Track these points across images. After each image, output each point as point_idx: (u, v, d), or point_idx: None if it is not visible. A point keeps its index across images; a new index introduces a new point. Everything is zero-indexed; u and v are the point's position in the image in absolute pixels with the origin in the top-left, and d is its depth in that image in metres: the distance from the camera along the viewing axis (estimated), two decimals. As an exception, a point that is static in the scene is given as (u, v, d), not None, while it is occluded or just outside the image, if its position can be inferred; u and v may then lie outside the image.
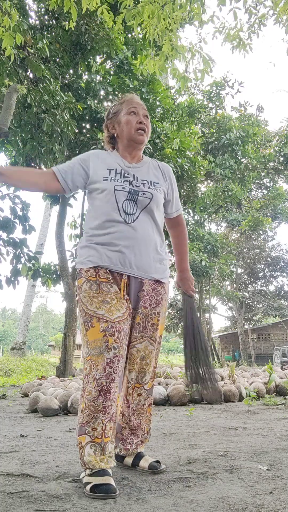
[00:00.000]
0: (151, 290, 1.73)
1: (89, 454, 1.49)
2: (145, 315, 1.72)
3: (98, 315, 1.57)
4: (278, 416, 3.28)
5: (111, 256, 1.64)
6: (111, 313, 1.57)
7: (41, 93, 5.50)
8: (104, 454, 1.50)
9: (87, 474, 1.48)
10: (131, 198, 1.70)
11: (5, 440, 2.52)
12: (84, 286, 1.64)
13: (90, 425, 1.51)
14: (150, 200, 1.72)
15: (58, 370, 7.99)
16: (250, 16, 4.07)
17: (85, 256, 1.68)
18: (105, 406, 1.51)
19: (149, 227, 1.72)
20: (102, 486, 1.41)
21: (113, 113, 1.86)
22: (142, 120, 1.79)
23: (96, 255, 1.66)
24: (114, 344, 1.53)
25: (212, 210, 16.12)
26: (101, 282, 1.63)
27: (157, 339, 1.76)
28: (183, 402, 4.04)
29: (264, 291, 23.78)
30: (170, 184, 1.88)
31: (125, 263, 1.66)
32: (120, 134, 1.82)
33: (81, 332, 1.67)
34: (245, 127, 12.13)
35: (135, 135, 1.78)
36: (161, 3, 3.66)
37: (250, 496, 1.36)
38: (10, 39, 3.72)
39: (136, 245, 1.67)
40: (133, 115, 1.79)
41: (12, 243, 5.87)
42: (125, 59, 7.59)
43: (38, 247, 16.86)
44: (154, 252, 1.73)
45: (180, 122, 8.87)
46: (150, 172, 1.83)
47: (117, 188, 1.69)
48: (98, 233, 1.68)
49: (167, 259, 1.83)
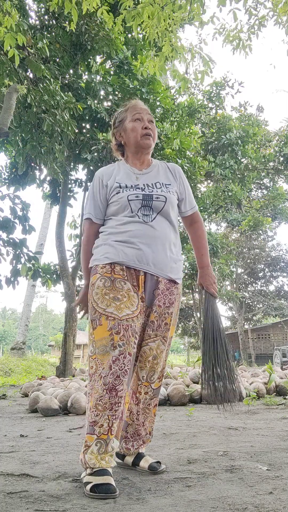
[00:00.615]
0: (165, 289, 1.74)
1: (91, 452, 1.49)
2: (159, 313, 1.73)
3: (107, 313, 1.58)
4: (278, 416, 3.28)
5: (128, 253, 1.66)
6: (120, 310, 1.58)
7: (41, 93, 5.50)
8: (107, 451, 1.50)
9: (87, 474, 1.48)
10: (146, 204, 1.72)
11: (5, 440, 2.52)
12: (97, 282, 1.64)
13: (97, 424, 1.52)
14: (164, 203, 1.75)
15: (58, 370, 7.99)
16: (250, 17, 4.07)
17: (102, 253, 1.70)
18: (112, 403, 1.52)
19: (166, 227, 1.75)
20: (102, 486, 1.41)
21: (118, 121, 1.90)
22: (147, 125, 1.83)
23: (113, 251, 1.67)
24: (120, 342, 1.54)
25: (212, 210, 16.10)
26: (115, 279, 1.64)
27: (168, 339, 1.77)
28: (183, 402, 4.04)
29: (264, 291, 23.78)
30: (181, 183, 1.91)
31: (142, 260, 1.66)
32: (127, 141, 1.86)
33: (88, 330, 1.68)
34: (245, 127, 12.12)
35: (142, 140, 1.82)
36: (161, 4, 3.67)
37: (250, 496, 1.37)
38: (12, 40, 3.73)
39: (153, 243, 1.69)
40: (138, 122, 1.83)
41: (12, 243, 5.87)
42: (125, 59, 7.59)
43: (38, 247, 16.86)
44: (170, 251, 1.75)
45: (180, 122, 8.87)
46: (161, 175, 1.86)
47: (131, 198, 1.72)
48: (115, 231, 1.71)
49: (181, 261, 1.85)
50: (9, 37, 3.71)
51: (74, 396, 3.67)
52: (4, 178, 8.28)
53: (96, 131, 7.22)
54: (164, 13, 3.72)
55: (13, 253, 5.91)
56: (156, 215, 1.73)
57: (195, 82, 11.72)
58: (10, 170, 8.26)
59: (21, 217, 5.88)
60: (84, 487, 1.45)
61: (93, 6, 3.76)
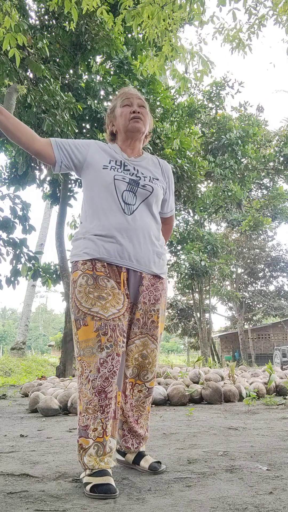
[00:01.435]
0: (150, 285, 1.69)
1: (90, 455, 1.48)
2: (145, 311, 1.68)
3: (93, 312, 1.52)
4: (278, 416, 3.28)
5: (109, 248, 1.59)
6: (106, 310, 1.53)
7: (41, 93, 5.50)
8: (105, 453, 1.49)
9: (87, 474, 1.47)
10: (130, 189, 1.66)
11: (5, 440, 2.52)
12: (80, 280, 1.57)
13: (91, 428, 1.49)
14: (150, 193, 1.69)
15: (58, 370, 7.99)
16: (250, 16, 4.07)
17: (81, 248, 1.62)
18: (102, 406, 1.49)
19: (148, 219, 1.69)
20: (102, 486, 1.40)
21: (110, 110, 1.85)
22: (136, 109, 1.75)
23: (93, 247, 1.59)
24: (107, 344, 1.50)
25: (212, 210, 16.12)
26: (98, 276, 1.57)
27: (158, 337, 1.72)
28: (183, 402, 4.04)
29: (264, 291, 23.78)
30: (168, 183, 1.86)
31: (124, 256, 1.60)
32: (118, 128, 1.79)
33: (72, 330, 1.63)
34: (245, 127, 12.13)
35: (131, 124, 1.74)
36: (161, 4, 3.67)
37: (250, 496, 1.36)
38: (12, 40, 3.73)
39: (135, 237, 1.62)
40: (127, 107, 1.76)
41: (12, 243, 5.87)
42: (125, 59, 7.59)
43: (38, 247, 16.86)
44: (153, 245, 1.68)
45: (180, 122, 8.88)
46: (151, 167, 1.80)
47: (117, 177, 1.65)
48: (95, 224, 1.63)
49: (165, 254, 1.78)
50: (9, 37, 3.71)
51: (74, 396, 3.67)
52: (4, 178, 8.28)
53: (96, 131, 7.22)
54: (164, 13, 3.72)
55: (13, 253, 5.91)
56: (139, 204, 1.66)
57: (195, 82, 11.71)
58: (10, 170, 8.27)
59: (21, 217, 5.88)
60: (84, 487, 1.45)
61: (92, 6, 3.76)
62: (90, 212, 1.67)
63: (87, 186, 1.73)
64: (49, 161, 1.69)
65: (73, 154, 1.71)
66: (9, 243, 5.86)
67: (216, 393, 4.10)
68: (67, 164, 1.71)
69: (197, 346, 24.52)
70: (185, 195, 8.81)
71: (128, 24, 3.78)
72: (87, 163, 1.72)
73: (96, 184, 1.67)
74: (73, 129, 5.83)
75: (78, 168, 1.74)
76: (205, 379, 4.61)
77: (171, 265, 18.30)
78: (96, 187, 1.67)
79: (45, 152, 1.67)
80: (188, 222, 17.34)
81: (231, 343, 24.50)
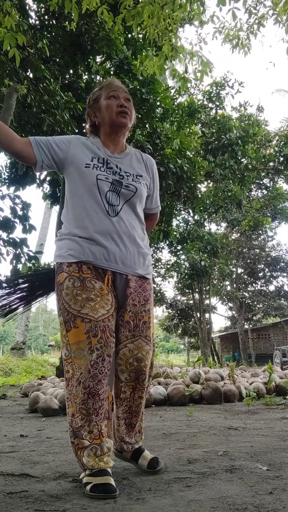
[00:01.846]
0: (137, 286, 1.66)
1: (88, 455, 1.47)
2: (135, 313, 1.65)
3: (82, 314, 1.51)
4: (278, 416, 3.28)
5: (95, 251, 1.57)
6: (96, 311, 1.52)
7: (41, 93, 5.50)
8: (104, 453, 1.49)
9: (86, 474, 1.47)
10: (114, 189, 1.63)
11: (5, 440, 2.52)
12: (66, 282, 1.55)
13: (85, 429, 1.48)
14: (133, 193, 1.66)
15: (58, 370, 7.98)
16: (250, 16, 4.07)
17: (66, 250, 1.59)
18: (96, 408, 1.48)
19: (132, 220, 1.66)
20: (102, 486, 1.40)
21: (93, 100, 1.77)
22: (123, 103, 1.70)
23: (78, 249, 1.57)
24: (97, 345, 1.49)
25: (212, 210, 16.12)
26: (84, 278, 1.55)
27: (151, 338, 1.70)
28: (183, 402, 4.03)
29: (264, 291, 23.76)
30: (152, 178, 1.83)
31: (110, 258, 1.58)
32: (102, 120, 1.72)
33: (60, 332, 1.61)
34: (245, 127, 12.12)
35: (118, 118, 1.69)
36: (161, 3, 3.66)
37: (250, 496, 1.36)
38: (12, 40, 3.72)
39: (119, 239, 1.60)
40: (113, 99, 1.70)
41: (12, 243, 5.87)
42: (125, 59, 7.58)
43: (38, 247, 16.87)
44: (138, 246, 1.66)
45: (180, 122, 8.87)
46: (134, 164, 1.75)
47: (100, 177, 1.61)
48: (79, 226, 1.60)
49: (150, 254, 1.76)
50: (9, 37, 3.71)
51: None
52: (4, 178, 8.28)
53: (96, 131, 7.21)
54: (164, 12, 3.72)
55: (13, 253, 5.91)
56: (122, 205, 1.64)
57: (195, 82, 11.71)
58: (10, 170, 8.26)
59: (21, 217, 5.88)
60: (84, 487, 1.44)
61: (93, 5, 3.76)
62: (74, 213, 1.64)
63: (69, 185, 1.69)
64: (29, 161, 1.64)
65: (54, 152, 1.66)
66: (9, 243, 5.85)
67: (216, 393, 4.10)
68: (48, 163, 1.66)
69: (197, 346, 24.52)
70: (185, 195, 8.80)
71: (128, 23, 3.78)
72: (68, 161, 1.67)
73: (79, 183, 1.64)
74: (73, 129, 5.83)
75: (60, 166, 1.69)
76: (205, 379, 4.61)
77: (171, 265, 18.30)
78: (79, 187, 1.64)
79: (25, 152, 1.61)
80: (188, 222, 17.33)
81: (231, 343, 24.49)
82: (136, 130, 7.47)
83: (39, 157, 1.63)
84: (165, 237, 9.14)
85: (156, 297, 19.71)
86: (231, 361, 15.21)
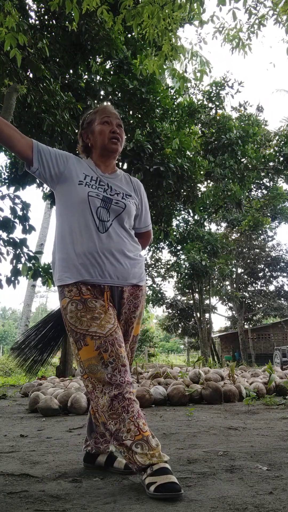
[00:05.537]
0: (130, 295, 1.76)
1: (137, 454, 1.45)
2: (125, 319, 1.76)
3: (91, 332, 1.57)
4: (278, 416, 3.28)
5: (90, 270, 1.64)
6: (103, 327, 1.58)
7: (41, 93, 5.49)
8: (152, 448, 1.46)
9: (148, 474, 1.43)
10: (104, 205, 1.71)
11: (5, 440, 2.52)
12: (69, 307, 1.63)
13: (123, 431, 1.48)
14: (123, 209, 1.74)
15: (58, 370, 7.99)
16: (250, 16, 4.07)
17: (62, 273, 1.67)
18: (124, 406, 1.50)
19: (122, 235, 1.74)
20: (168, 484, 1.38)
21: (87, 123, 1.88)
22: (115, 129, 1.81)
23: (73, 270, 1.65)
24: (110, 359, 1.55)
25: (212, 210, 16.11)
26: (85, 299, 1.63)
27: (135, 338, 1.81)
28: (183, 402, 4.04)
29: (264, 291, 23.76)
30: (141, 199, 1.92)
31: (105, 275, 1.66)
32: (94, 143, 1.83)
33: (72, 352, 1.67)
34: (245, 127, 12.11)
35: (109, 144, 1.80)
36: (161, 3, 3.66)
37: (250, 496, 1.36)
38: (12, 40, 3.72)
39: (111, 255, 1.67)
40: (106, 125, 1.80)
41: (12, 243, 5.87)
42: (125, 59, 7.58)
43: (38, 247, 16.85)
44: (129, 258, 1.73)
45: (180, 122, 8.87)
46: (123, 185, 1.86)
47: (91, 194, 1.70)
48: (71, 246, 1.67)
49: (142, 259, 1.82)
50: (9, 37, 3.71)
51: (74, 396, 3.67)
52: (4, 178, 8.28)
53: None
54: (164, 12, 3.72)
55: (13, 253, 5.91)
56: (112, 220, 1.71)
57: (195, 82, 11.71)
58: (10, 170, 8.26)
59: (21, 217, 5.88)
60: (147, 488, 1.41)
61: (93, 5, 3.76)
62: (66, 233, 1.70)
63: (60, 201, 1.76)
64: (28, 160, 1.70)
65: (53, 164, 1.74)
66: (9, 243, 5.85)
67: (216, 393, 4.10)
68: (42, 172, 1.72)
69: (197, 346, 24.52)
70: (185, 195, 8.80)
71: (128, 23, 3.77)
72: (64, 177, 1.75)
73: (71, 200, 1.71)
74: (73, 129, 5.82)
75: (55, 179, 1.76)
76: (205, 379, 4.61)
77: (171, 265, 18.29)
78: (70, 204, 1.72)
79: (24, 155, 1.68)
80: (188, 222, 17.32)
81: (231, 343, 24.49)
82: (136, 130, 7.47)
83: (36, 164, 1.70)
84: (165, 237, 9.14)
85: (156, 297, 19.72)
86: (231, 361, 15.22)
